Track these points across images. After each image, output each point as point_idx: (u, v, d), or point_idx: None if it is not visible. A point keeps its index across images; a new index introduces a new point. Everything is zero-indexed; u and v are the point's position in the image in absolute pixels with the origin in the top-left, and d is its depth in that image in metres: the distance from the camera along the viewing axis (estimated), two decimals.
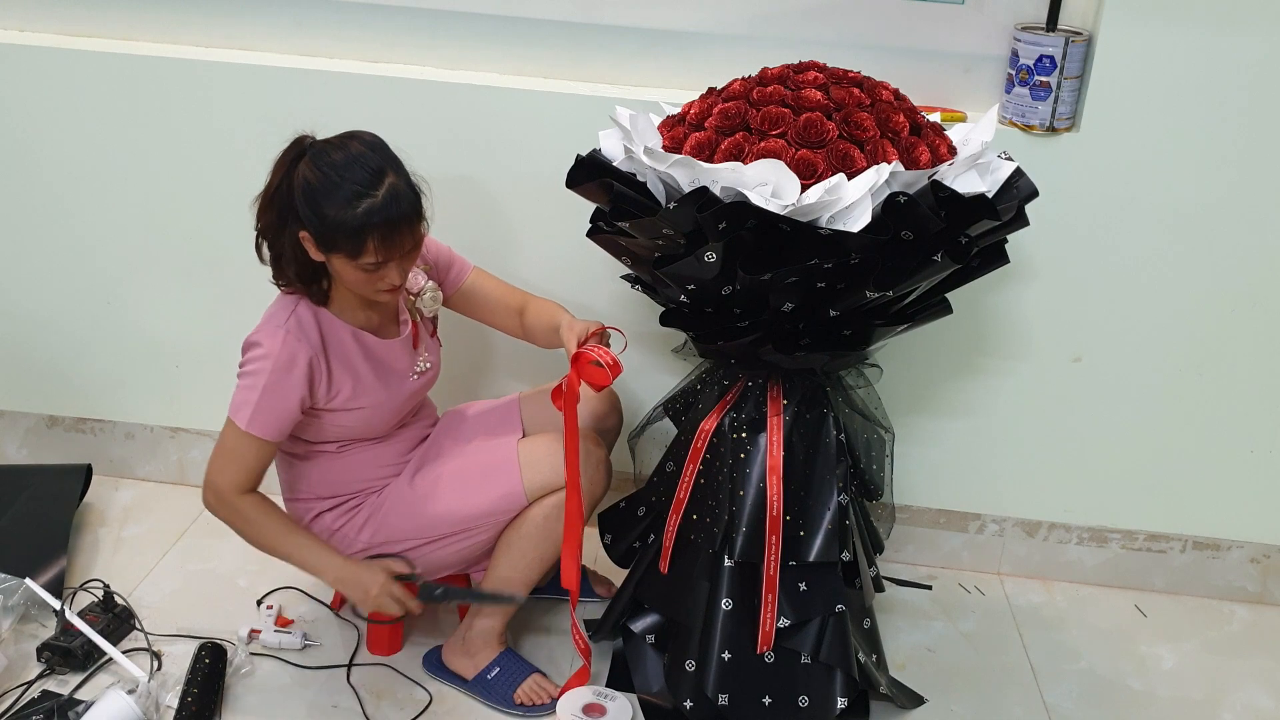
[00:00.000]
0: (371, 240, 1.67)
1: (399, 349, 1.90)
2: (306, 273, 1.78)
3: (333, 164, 1.68)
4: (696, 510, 1.89)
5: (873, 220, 1.56)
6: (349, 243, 1.67)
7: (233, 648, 2.03)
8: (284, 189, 1.72)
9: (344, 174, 1.67)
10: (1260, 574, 2.37)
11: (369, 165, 1.68)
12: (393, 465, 1.96)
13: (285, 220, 1.73)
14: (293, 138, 1.76)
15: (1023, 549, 2.40)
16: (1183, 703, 2.10)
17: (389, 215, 1.67)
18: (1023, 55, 2.00)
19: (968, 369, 2.26)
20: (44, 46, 2.21)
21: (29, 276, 2.40)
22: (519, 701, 1.96)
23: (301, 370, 1.76)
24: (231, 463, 1.80)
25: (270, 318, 1.80)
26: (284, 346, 1.75)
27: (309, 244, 1.72)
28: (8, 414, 2.55)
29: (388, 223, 1.67)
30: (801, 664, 1.88)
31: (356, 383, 1.84)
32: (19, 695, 1.92)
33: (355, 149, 1.70)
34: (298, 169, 1.70)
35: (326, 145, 1.71)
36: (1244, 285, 2.14)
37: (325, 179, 1.67)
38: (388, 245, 1.68)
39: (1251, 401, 2.23)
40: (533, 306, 2.00)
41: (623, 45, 2.16)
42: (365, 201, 1.66)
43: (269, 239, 1.78)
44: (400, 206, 1.68)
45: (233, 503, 1.81)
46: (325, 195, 1.67)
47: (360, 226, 1.65)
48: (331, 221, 1.66)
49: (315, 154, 1.70)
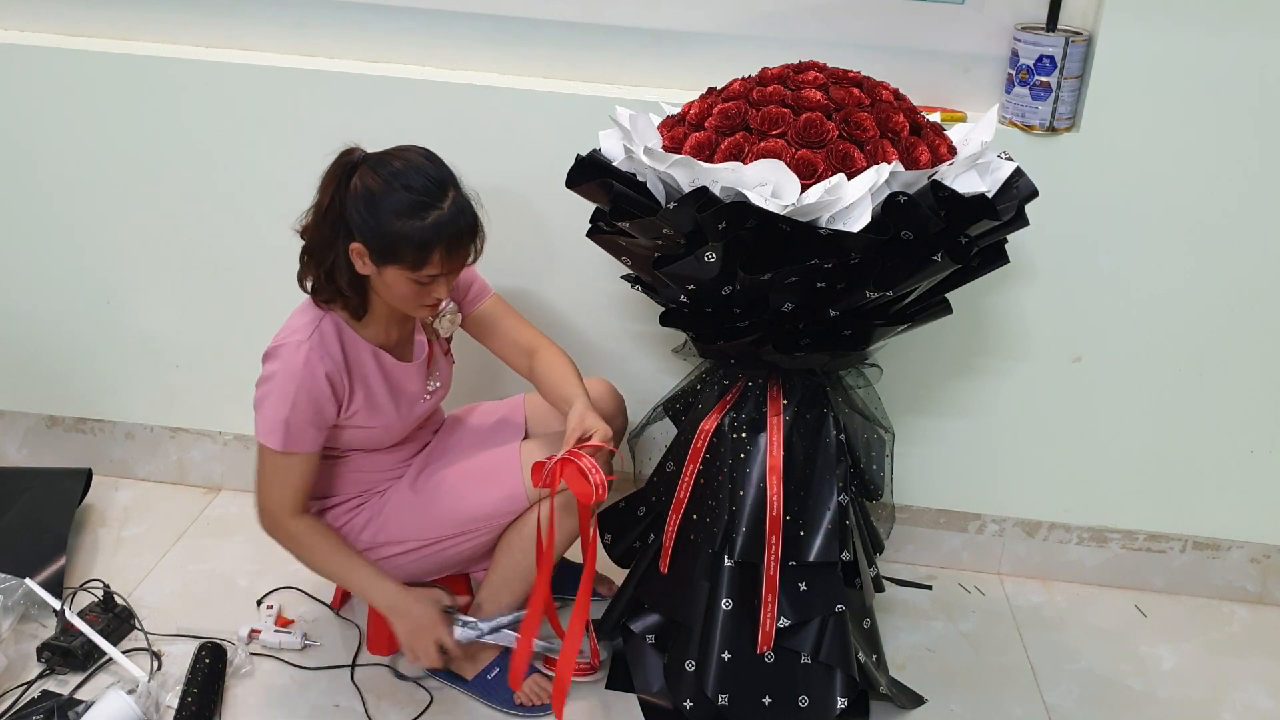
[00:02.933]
0: (438, 252, 1.66)
1: (414, 372, 1.90)
2: (351, 287, 1.74)
3: (395, 172, 1.65)
4: (696, 510, 1.89)
5: (873, 220, 1.56)
6: (414, 254, 1.65)
7: (233, 648, 2.03)
8: (335, 203, 1.68)
9: (408, 182, 1.65)
10: (1260, 574, 2.37)
11: (431, 176, 1.67)
12: (396, 468, 1.96)
13: (336, 234, 1.70)
14: (295, 138, 1.75)
15: (1023, 549, 2.41)
16: (1183, 703, 2.10)
17: (457, 227, 1.66)
18: (1023, 55, 2.00)
19: (968, 369, 2.26)
20: (44, 46, 2.21)
21: (29, 277, 2.40)
22: (519, 702, 1.96)
23: (324, 383, 1.75)
24: (277, 486, 1.78)
25: (294, 330, 1.77)
26: (307, 362, 1.73)
27: (360, 256, 1.69)
28: (8, 414, 2.55)
29: (454, 236, 1.66)
30: (801, 664, 1.88)
31: (371, 402, 1.84)
32: (19, 695, 1.92)
33: (414, 158, 1.68)
34: (353, 179, 1.67)
35: (384, 155, 1.69)
36: (1244, 285, 2.14)
37: (388, 187, 1.64)
38: (452, 256, 1.68)
39: (1251, 402, 2.23)
40: (544, 358, 1.95)
41: (623, 45, 2.16)
42: (433, 213, 1.64)
43: (318, 254, 1.74)
44: (467, 219, 1.68)
45: (288, 528, 1.80)
46: (388, 204, 1.64)
47: (428, 239, 1.64)
48: (396, 232, 1.64)
49: (374, 163, 1.68)
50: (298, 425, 1.75)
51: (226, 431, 2.50)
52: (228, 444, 2.51)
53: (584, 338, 2.32)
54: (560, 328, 2.31)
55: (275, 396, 1.74)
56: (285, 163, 2.21)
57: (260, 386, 1.78)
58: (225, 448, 2.51)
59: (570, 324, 2.31)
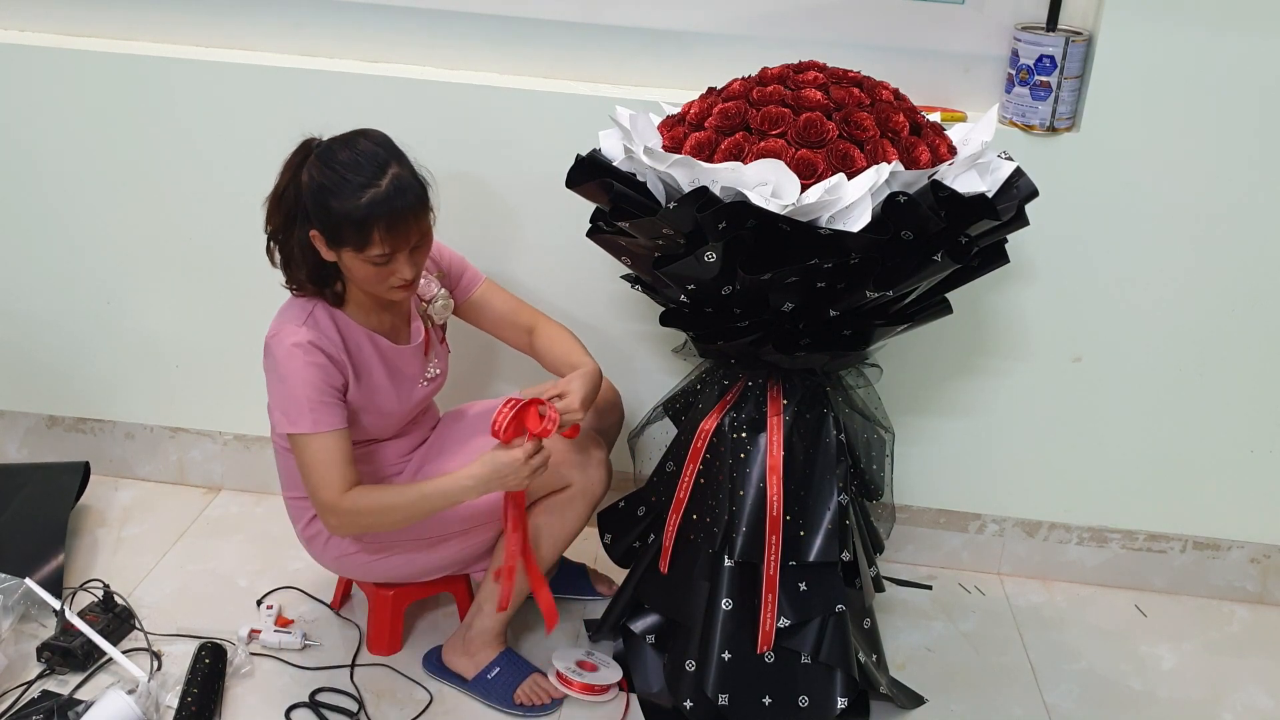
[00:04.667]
0: (377, 230, 1.67)
1: (411, 355, 1.90)
2: (319, 275, 1.77)
3: (340, 162, 1.68)
4: (696, 510, 1.89)
5: (873, 220, 1.56)
6: (356, 234, 1.67)
7: (233, 648, 2.03)
8: (291, 190, 1.73)
9: (350, 169, 1.67)
10: (1260, 574, 2.37)
11: (374, 159, 1.69)
12: (393, 464, 1.96)
13: (294, 221, 1.74)
14: (295, 138, 1.76)
15: (1023, 549, 2.40)
16: (1183, 703, 2.10)
17: (393, 205, 1.67)
18: (1023, 55, 2.00)
19: (968, 369, 2.26)
20: (44, 46, 2.21)
21: (29, 277, 2.40)
22: (519, 701, 1.96)
23: (327, 360, 1.76)
24: (323, 470, 1.74)
25: (288, 317, 1.79)
26: (306, 342, 1.75)
27: (319, 242, 1.72)
28: (8, 414, 2.55)
29: (392, 212, 1.67)
30: (801, 664, 1.88)
31: (370, 385, 1.84)
32: (19, 695, 1.92)
33: (362, 146, 1.70)
34: (305, 168, 1.71)
35: (333, 144, 1.72)
36: (1244, 285, 2.14)
37: (332, 175, 1.67)
38: (394, 235, 1.68)
39: (1251, 402, 2.23)
40: (544, 330, 1.99)
41: (623, 45, 2.16)
42: (369, 192, 1.66)
43: (278, 241, 1.79)
44: (405, 197, 1.69)
45: (347, 510, 1.74)
46: (332, 191, 1.67)
47: (365, 216, 1.66)
48: (337, 213, 1.67)
49: (322, 152, 1.71)
50: (318, 402, 1.74)
51: (226, 431, 2.49)
52: (228, 444, 2.51)
53: (584, 338, 2.30)
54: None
55: (288, 383, 1.75)
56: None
57: (270, 381, 1.79)
58: (225, 448, 2.51)
59: (570, 324, 2.29)
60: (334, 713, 1.95)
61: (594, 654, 2.04)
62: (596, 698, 1.98)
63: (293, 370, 1.74)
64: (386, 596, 2.04)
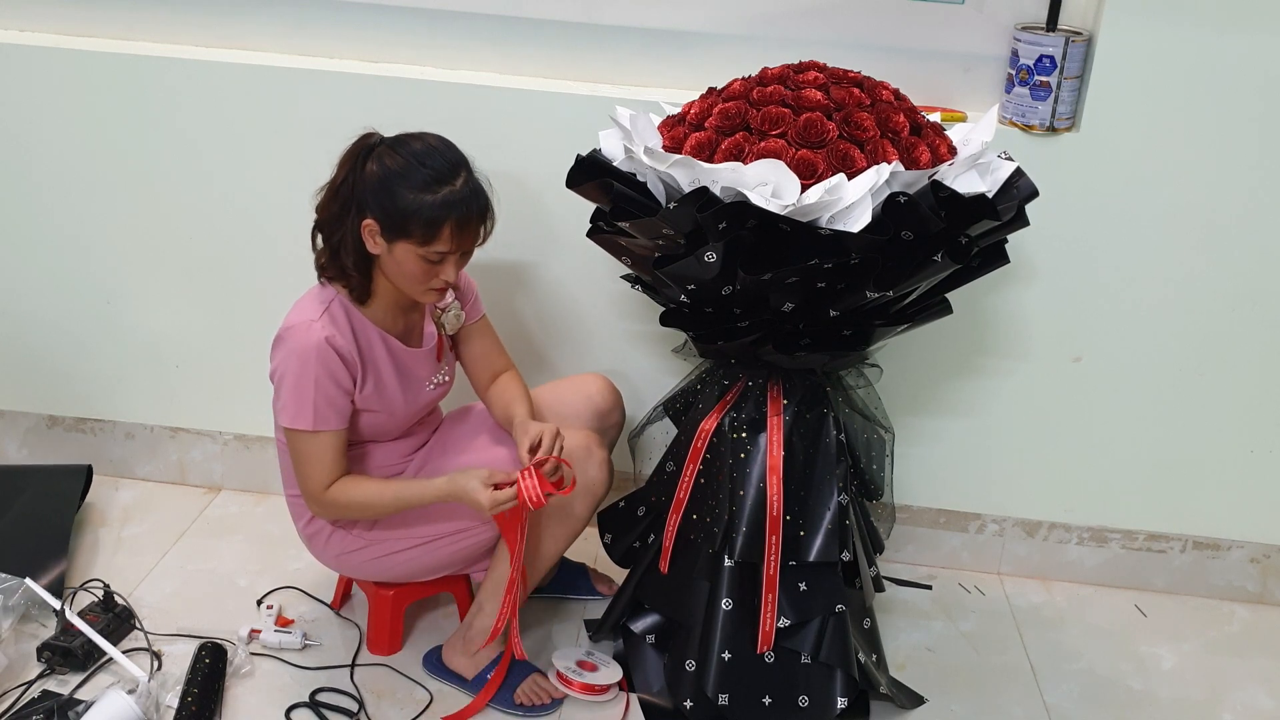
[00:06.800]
0: (448, 227, 1.69)
1: (422, 358, 1.91)
2: (358, 265, 1.78)
3: (413, 152, 1.71)
4: (696, 510, 1.89)
5: (873, 220, 1.56)
6: (424, 228, 1.69)
7: (233, 648, 2.03)
8: (350, 181, 1.74)
9: (425, 160, 1.70)
10: (1260, 574, 2.37)
11: (448, 157, 1.72)
12: (395, 464, 1.96)
13: (348, 210, 1.75)
14: (295, 138, 1.77)
15: (1023, 549, 2.40)
16: (1183, 703, 2.10)
17: (469, 206, 1.71)
18: (1023, 55, 2.00)
19: (968, 369, 2.26)
20: (44, 46, 2.21)
21: (29, 276, 2.40)
22: (519, 701, 1.96)
23: (339, 360, 1.77)
24: (311, 465, 1.80)
25: (305, 311, 1.80)
26: (322, 339, 1.76)
27: (371, 233, 1.73)
28: (8, 414, 2.55)
29: (466, 213, 1.71)
30: (801, 664, 1.88)
31: (379, 384, 1.85)
32: (19, 695, 1.92)
33: (432, 141, 1.74)
34: (371, 158, 1.73)
35: (403, 137, 1.75)
36: (1244, 285, 2.14)
37: (407, 164, 1.70)
38: (461, 234, 1.71)
39: (1251, 402, 2.23)
40: (504, 380, 2.00)
41: (623, 45, 2.16)
42: (445, 189, 1.69)
43: (326, 230, 1.79)
44: (480, 200, 1.73)
45: (329, 502, 1.82)
46: (405, 180, 1.69)
47: (439, 214, 1.69)
48: (409, 205, 1.69)
49: (394, 142, 1.74)
50: (323, 402, 1.77)
51: (226, 431, 2.49)
52: (228, 444, 2.51)
53: (584, 338, 2.32)
54: (560, 327, 2.31)
55: (295, 377, 1.76)
56: (285, 162, 2.21)
57: (276, 373, 1.79)
58: (225, 448, 2.51)
59: (570, 324, 2.31)
60: (334, 713, 1.95)
61: (594, 654, 2.05)
62: (596, 698, 1.98)
63: (304, 367, 1.75)
64: (386, 596, 2.04)
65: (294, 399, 1.76)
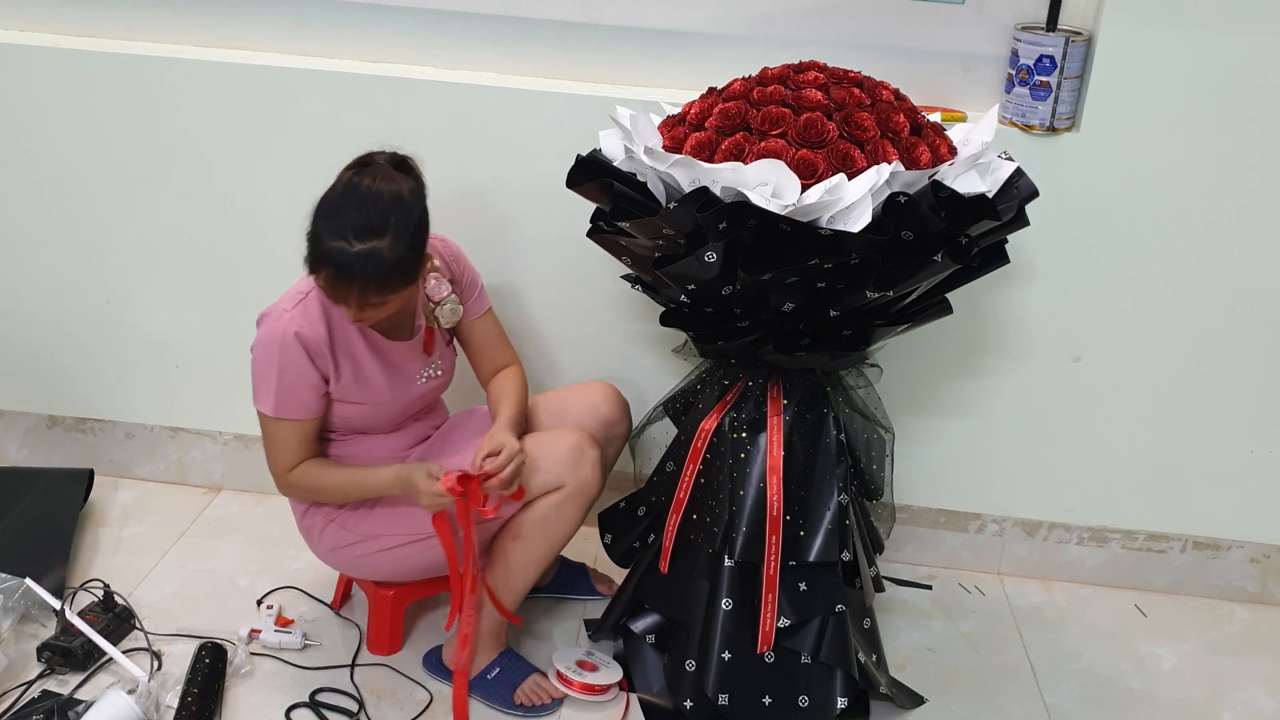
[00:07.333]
0: (323, 275, 1.70)
1: (408, 351, 1.91)
2: None
3: (353, 188, 1.70)
4: (696, 510, 1.89)
5: (873, 220, 1.56)
6: (310, 260, 1.71)
7: (233, 648, 2.03)
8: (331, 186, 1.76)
9: (350, 205, 1.69)
10: (1260, 574, 2.37)
11: (374, 212, 1.68)
12: (394, 457, 1.96)
13: None
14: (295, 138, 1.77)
15: (1023, 549, 2.41)
16: (1183, 703, 2.10)
17: (349, 270, 1.67)
18: (1023, 55, 2.00)
19: (968, 369, 2.26)
20: (44, 46, 2.21)
21: (29, 276, 2.40)
22: (519, 702, 1.96)
23: (303, 353, 1.79)
24: (275, 449, 1.86)
25: (284, 299, 1.83)
26: (285, 332, 1.78)
27: None
28: (8, 414, 2.54)
29: (340, 273, 1.68)
30: (801, 664, 1.88)
31: (359, 376, 1.85)
32: (19, 695, 1.92)
33: (383, 188, 1.70)
34: (345, 173, 1.74)
35: (370, 171, 1.72)
36: (1244, 285, 2.14)
37: (336, 198, 1.70)
38: (332, 289, 1.71)
39: (1251, 402, 2.23)
40: (504, 375, 2.01)
41: (623, 45, 2.16)
42: (339, 242, 1.67)
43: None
44: (365, 270, 1.67)
45: (290, 484, 1.88)
46: (325, 212, 1.70)
47: (319, 256, 1.69)
48: (310, 233, 1.71)
49: (356, 172, 1.73)
50: (284, 393, 1.80)
51: (226, 431, 2.49)
52: (228, 444, 2.51)
53: (584, 338, 2.32)
54: (560, 328, 2.31)
55: (263, 365, 1.81)
56: (285, 162, 2.21)
57: (252, 352, 1.83)
58: (225, 448, 2.51)
59: (570, 324, 2.31)
60: (334, 713, 1.95)
61: (594, 654, 2.04)
62: (596, 698, 1.98)
63: (269, 356, 1.79)
64: (386, 596, 2.04)
65: (261, 384, 1.82)
